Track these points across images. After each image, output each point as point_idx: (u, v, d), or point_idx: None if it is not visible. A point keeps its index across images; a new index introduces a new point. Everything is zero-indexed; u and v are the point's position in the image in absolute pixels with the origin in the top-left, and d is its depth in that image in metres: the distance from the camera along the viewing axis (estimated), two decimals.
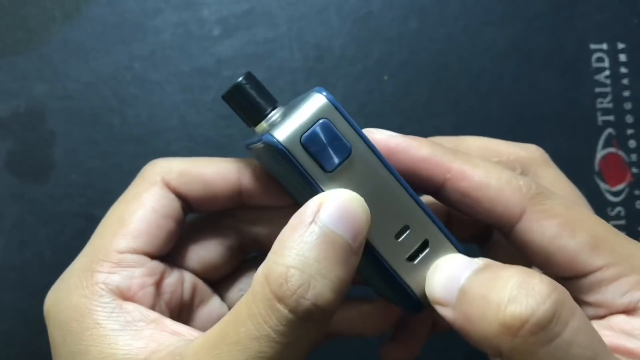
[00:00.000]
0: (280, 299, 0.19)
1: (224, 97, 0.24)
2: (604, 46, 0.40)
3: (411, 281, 0.22)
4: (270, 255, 0.20)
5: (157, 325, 0.23)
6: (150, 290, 0.24)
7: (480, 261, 0.21)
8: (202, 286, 0.28)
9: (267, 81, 0.40)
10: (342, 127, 0.21)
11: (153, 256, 0.25)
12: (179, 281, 0.27)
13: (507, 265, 0.21)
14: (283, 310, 0.19)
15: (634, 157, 0.40)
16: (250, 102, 0.24)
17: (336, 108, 0.21)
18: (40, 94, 0.39)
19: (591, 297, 0.22)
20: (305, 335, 0.19)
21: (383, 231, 0.22)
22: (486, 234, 0.28)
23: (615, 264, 0.21)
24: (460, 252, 0.23)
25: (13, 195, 0.38)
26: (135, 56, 0.39)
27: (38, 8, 0.40)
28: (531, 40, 0.40)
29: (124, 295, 0.23)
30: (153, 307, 0.24)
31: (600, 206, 0.39)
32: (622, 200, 0.39)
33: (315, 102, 0.21)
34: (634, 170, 0.40)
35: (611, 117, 0.40)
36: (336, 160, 0.21)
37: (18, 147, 0.39)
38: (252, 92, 0.24)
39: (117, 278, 0.23)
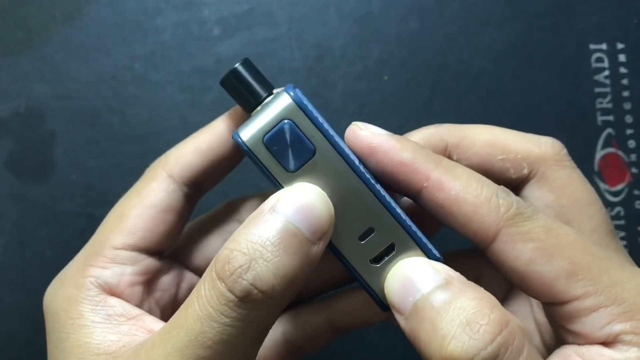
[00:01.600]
0: (221, 278, 0.19)
1: (221, 82, 0.24)
2: (604, 46, 0.40)
3: (374, 283, 0.22)
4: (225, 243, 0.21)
5: (137, 322, 0.23)
6: (138, 289, 0.25)
7: (442, 275, 0.21)
8: None
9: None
10: (307, 128, 0.21)
11: (151, 252, 0.25)
12: (175, 280, 0.27)
13: (468, 288, 0.20)
14: (223, 288, 0.19)
15: (633, 157, 0.40)
16: (246, 88, 0.24)
17: (301, 109, 0.21)
18: (41, 94, 0.39)
19: (569, 326, 0.21)
20: (247, 318, 0.19)
21: (347, 232, 0.22)
22: None
23: (595, 294, 0.20)
24: (429, 257, 0.22)
25: (13, 195, 0.38)
26: (136, 56, 0.39)
27: (38, 8, 0.40)
28: (531, 41, 0.40)
29: (112, 291, 0.24)
30: (140, 304, 0.25)
31: None
32: (621, 200, 0.39)
33: (282, 102, 0.22)
34: (634, 170, 0.40)
35: (611, 117, 0.40)
36: (298, 161, 0.21)
37: (18, 147, 0.39)
38: (249, 78, 0.24)
39: (108, 274, 0.24)
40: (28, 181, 0.38)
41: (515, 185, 0.25)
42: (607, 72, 0.40)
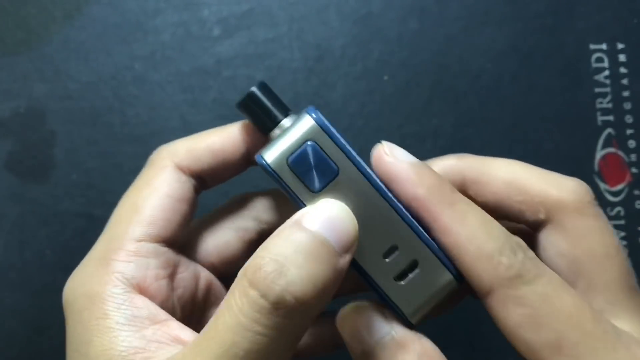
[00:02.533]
0: (253, 284, 0.19)
1: (237, 105, 0.25)
2: (604, 46, 0.40)
3: (399, 300, 0.23)
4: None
5: (162, 327, 0.22)
6: (164, 283, 0.24)
7: (391, 333, 0.22)
8: (218, 286, 0.27)
9: (267, 81, 0.40)
10: (330, 149, 0.22)
11: (170, 243, 0.25)
12: (194, 277, 0.26)
13: (406, 354, 0.21)
14: (255, 295, 0.19)
15: (633, 157, 0.40)
16: (263, 109, 0.24)
17: (324, 130, 0.22)
18: (41, 94, 0.39)
19: None
20: (280, 326, 0.19)
21: (371, 250, 0.23)
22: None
23: None
24: (452, 274, 0.23)
25: (13, 195, 0.38)
26: (136, 56, 0.39)
27: (38, 8, 0.40)
28: (531, 41, 0.40)
29: (139, 286, 0.23)
30: (166, 301, 0.24)
31: (600, 206, 0.39)
32: (621, 200, 0.39)
33: (304, 124, 0.22)
34: (634, 170, 0.40)
35: (611, 117, 0.40)
36: (322, 181, 0.22)
37: (18, 147, 0.39)
38: (265, 100, 0.24)
39: (133, 267, 0.23)
40: (28, 181, 0.38)
41: (533, 227, 0.24)
42: (607, 72, 0.40)
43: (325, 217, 0.21)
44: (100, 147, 0.39)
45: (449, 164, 0.25)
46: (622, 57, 0.40)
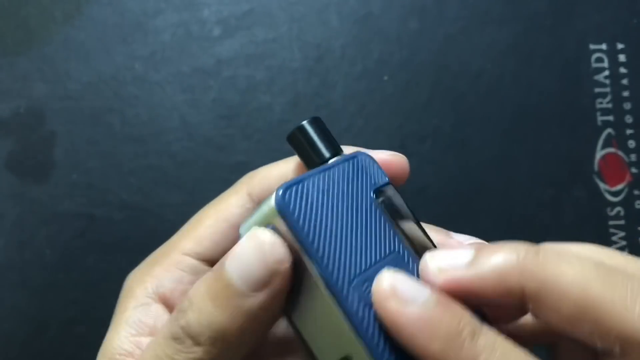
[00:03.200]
0: (170, 318, 0.21)
1: (287, 138, 0.24)
2: (604, 46, 0.40)
3: None
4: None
5: None
6: None
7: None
8: None
9: (267, 81, 0.40)
10: (287, 238, 0.20)
11: (213, 264, 0.25)
12: None
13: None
14: (167, 327, 0.21)
15: (633, 157, 0.40)
16: (310, 145, 0.24)
17: (283, 216, 0.20)
18: (41, 94, 0.39)
19: None
20: (182, 357, 0.20)
21: (326, 352, 0.20)
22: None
23: None
24: None
25: (13, 195, 0.38)
26: (136, 56, 0.39)
27: (38, 8, 0.40)
28: (531, 41, 0.40)
29: (165, 296, 0.24)
30: None
31: (599, 206, 0.39)
32: (621, 200, 0.39)
33: (268, 203, 0.20)
34: (634, 170, 0.40)
35: (610, 117, 0.40)
36: None
37: (19, 147, 0.39)
38: (313, 136, 0.24)
39: (168, 277, 0.24)
40: (28, 181, 0.38)
41: (601, 354, 0.19)
42: (607, 72, 0.40)
43: (234, 255, 0.20)
44: (100, 147, 0.39)
45: (507, 265, 0.19)
46: (622, 57, 0.40)
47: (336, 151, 0.24)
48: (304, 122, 0.24)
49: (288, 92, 0.39)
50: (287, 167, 0.26)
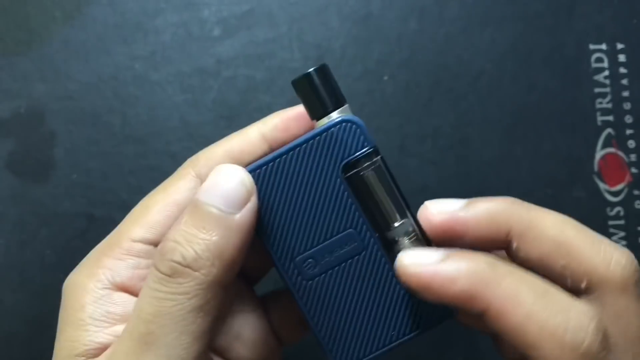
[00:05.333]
0: (154, 264, 0.22)
1: (293, 82, 0.25)
2: (604, 46, 0.40)
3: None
4: None
5: None
6: None
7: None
8: None
9: (267, 81, 0.40)
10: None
11: None
12: None
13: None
14: (154, 271, 0.22)
15: (633, 157, 0.40)
16: (316, 95, 0.24)
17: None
18: (41, 94, 0.39)
19: None
20: (179, 291, 0.21)
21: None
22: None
23: None
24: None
25: (14, 196, 0.38)
26: (136, 56, 0.39)
27: (39, 8, 0.40)
28: (530, 41, 0.40)
29: (123, 284, 0.24)
30: None
31: (599, 206, 0.39)
32: (621, 200, 0.39)
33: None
34: (633, 170, 0.40)
35: (610, 117, 0.40)
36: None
37: (19, 147, 0.39)
38: (320, 86, 0.24)
39: (122, 265, 0.24)
40: (28, 181, 0.38)
41: (568, 291, 0.22)
42: (606, 72, 0.40)
43: (208, 185, 0.22)
44: (100, 147, 0.39)
45: (496, 209, 0.23)
46: (621, 57, 0.40)
47: (339, 103, 0.24)
48: (311, 70, 0.24)
49: (288, 92, 0.39)
50: (230, 145, 0.26)
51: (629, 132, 0.40)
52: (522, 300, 0.20)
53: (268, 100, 0.39)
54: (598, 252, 0.22)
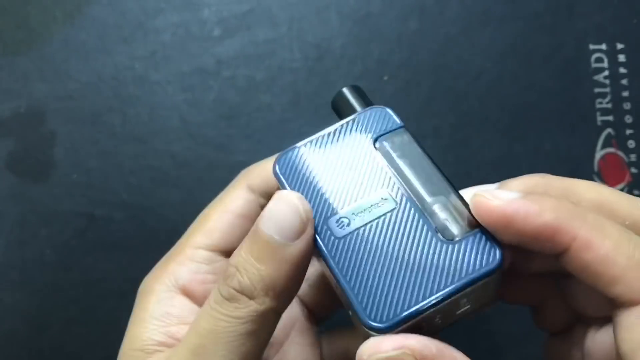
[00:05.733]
0: (218, 286, 0.23)
1: (332, 104, 0.28)
2: (603, 46, 0.40)
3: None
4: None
5: (187, 327, 0.25)
6: (211, 288, 0.26)
7: None
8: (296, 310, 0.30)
9: (267, 81, 0.40)
10: None
11: (227, 254, 0.27)
12: None
13: None
14: (216, 292, 0.23)
15: (633, 157, 0.40)
16: (348, 108, 0.27)
17: (277, 179, 0.25)
18: (41, 94, 0.39)
19: None
20: (233, 314, 0.22)
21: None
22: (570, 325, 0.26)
23: None
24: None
25: (14, 195, 0.38)
26: (136, 56, 0.39)
27: (39, 8, 0.40)
28: (530, 41, 0.40)
29: (185, 288, 0.26)
30: None
31: None
32: None
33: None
34: (633, 170, 0.40)
35: (610, 117, 0.40)
36: None
37: (19, 147, 0.39)
38: (351, 99, 0.27)
39: (184, 270, 0.26)
40: (28, 181, 0.38)
41: None
42: (606, 72, 0.40)
43: (268, 216, 0.22)
44: (100, 147, 0.39)
45: (533, 183, 0.23)
46: (621, 57, 0.40)
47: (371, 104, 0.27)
48: (344, 88, 0.27)
49: (288, 92, 0.39)
50: None
51: (628, 132, 0.40)
52: (609, 233, 0.20)
53: (268, 100, 0.39)
54: (635, 206, 0.22)
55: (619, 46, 0.40)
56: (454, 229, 0.22)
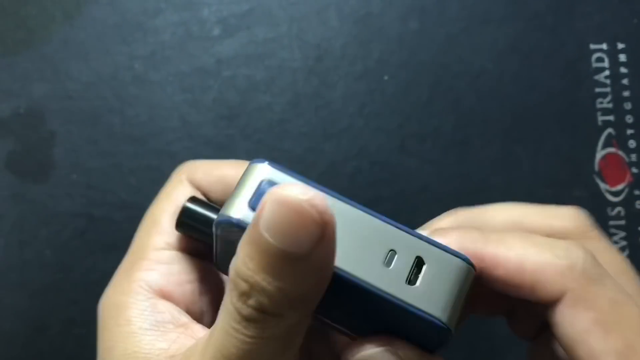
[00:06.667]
0: (232, 302, 0.20)
1: (177, 227, 0.25)
2: (604, 46, 0.40)
3: (424, 305, 0.20)
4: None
5: (185, 330, 0.23)
6: (189, 288, 0.25)
7: None
8: None
9: (267, 81, 0.40)
10: (285, 180, 0.21)
11: (191, 251, 0.25)
12: (223, 281, 0.27)
13: None
14: (233, 311, 0.20)
15: (633, 157, 0.40)
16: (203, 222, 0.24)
17: (273, 167, 0.21)
18: (41, 94, 0.39)
19: None
20: (260, 334, 0.20)
21: (369, 262, 0.20)
22: (513, 309, 0.26)
23: None
24: (464, 260, 0.20)
25: (13, 195, 0.38)
26: (136, 56, 0.39)
27: (38, 8, 0.40)
28: (531, 40, 0.40)
29: (162, 292, 0.24)
30: (192, 305, 0.25)
31: (600, 206, 0.39)
32: (622, 200, 0.39)
33: (251, 170, 0.21)
34: (634, 170, 0.40)
35: (611, 117, 0.40)
36: None
37: (18, 147, 0.39)
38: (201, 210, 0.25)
39: (156, 275, 0.24)
40: (28, 181, 0.38)
41: None
42: (607, 72, 0.40)
43: (269, 222, 0.18)
44: (100, 147, 0.39)
45: (448, 222, 0.24)
46: (622, 57, 0.40)
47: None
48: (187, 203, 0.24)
49: (288, 92, 0.39)
50: (227, 173, 0.26)
51: (629, 132, 0.40)
52: (512, 244, 0.21)
53: (268, 100, 0.39)
54: (547, 215, 0.23)
55: (620, 46, 0.40)
56: None
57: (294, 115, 0.39)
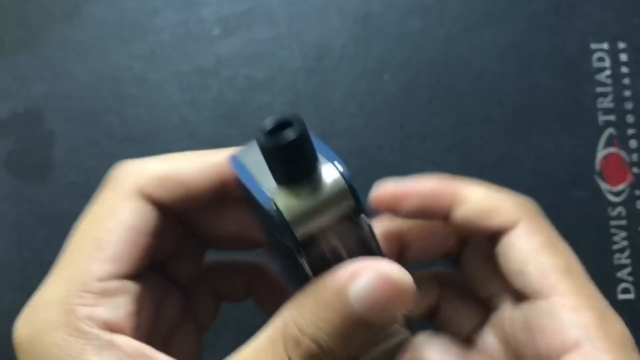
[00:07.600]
0: (290, 356, 0.19)
1: (264, 145, 0.22)
2: (605, 46, 0.40)
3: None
4: (290, 312, 0.20)
5: (150, 358, 0.21)
6: (145, 315, 0.23)
7: None
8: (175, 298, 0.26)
9: (267, 81, 0.40)
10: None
11: (132, 278, 0.22)
12: (173, 303, 0.25)
13: None
14: None
15: (634, 157, 0.40)
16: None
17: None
18: (40, 93, 0.39)
19: (544, 322, 0.22)
20: None
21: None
22: (457, 253, 0.28)
23: (577, 297, 0.22)
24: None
25: (12, 195, 0.38)
26: (135, 56, 0.39)
27: (38, 8, 0.40)
28: (532, 40, 0.40)
29: (115, 328, 0.21)
30: (147, 333, 0.23)
31: (601, 206, 0.39)
32: (623, 200, 0.39)
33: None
34: (635, 170, 0.39)
35: (612, 117, 0.40)
36: None
37: (17, 147, 0.39)
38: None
39: (103, 311, 0.21)
40: (27, 181, 0.38)
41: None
42: (608, 72, 0.40)
43: (366, 297, 0.18)
44: (99, 147, 0.39)
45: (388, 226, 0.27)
46: (623, 57, 0.40)
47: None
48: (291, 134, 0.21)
49: (288, 92, 0.39)
50: (196, 165, 0.24)
51: (630, 131, 0.40)
52: (478, 187, 0.25)
53: (268, 99, 0.39)
54: (499, 199, 0.26)
55: (621, 45, 0.40)
56: None
57: None
